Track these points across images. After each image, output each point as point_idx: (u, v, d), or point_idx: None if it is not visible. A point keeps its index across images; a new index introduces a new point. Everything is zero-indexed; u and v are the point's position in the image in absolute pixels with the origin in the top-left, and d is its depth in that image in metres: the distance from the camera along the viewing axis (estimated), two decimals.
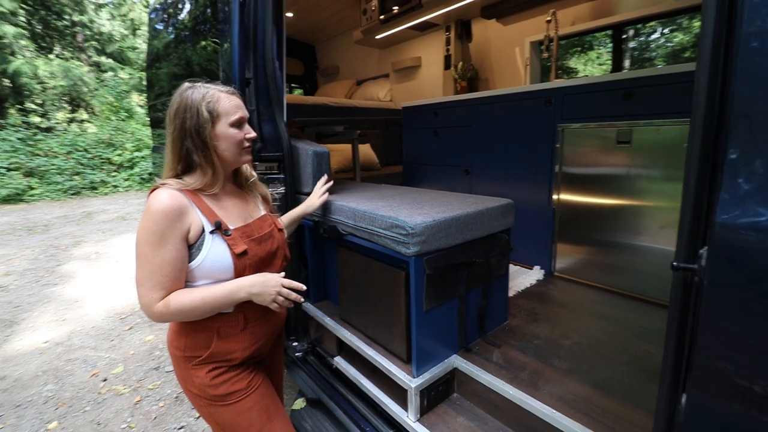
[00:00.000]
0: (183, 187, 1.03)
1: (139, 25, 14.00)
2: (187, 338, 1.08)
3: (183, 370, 1.11)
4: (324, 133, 2.51)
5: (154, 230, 0.96)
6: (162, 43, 3.06)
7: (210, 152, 1.06)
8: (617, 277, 1.99)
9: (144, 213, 0.99)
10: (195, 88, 1.07)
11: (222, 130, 1.07)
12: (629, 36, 12.66)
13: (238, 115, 1.10)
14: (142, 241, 0.97)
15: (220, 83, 1.13)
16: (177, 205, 0.98)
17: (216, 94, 1.08)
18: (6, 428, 2.05)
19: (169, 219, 0.97)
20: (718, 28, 0.55)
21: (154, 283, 0.97)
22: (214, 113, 1.05)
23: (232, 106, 1.09)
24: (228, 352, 1.09)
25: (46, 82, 11.85)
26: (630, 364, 1.37)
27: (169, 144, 1.08)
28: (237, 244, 1.06)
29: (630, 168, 1.89)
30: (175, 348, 1.10)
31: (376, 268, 1.43)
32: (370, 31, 3.79)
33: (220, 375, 1.09)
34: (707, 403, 0.55)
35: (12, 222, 6.73)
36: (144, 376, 2.49)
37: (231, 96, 1.11)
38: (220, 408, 1.10)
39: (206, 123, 1.04)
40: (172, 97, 1.09)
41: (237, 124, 1.10)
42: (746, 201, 0.49)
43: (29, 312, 3.42)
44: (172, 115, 1.06)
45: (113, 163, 10.37)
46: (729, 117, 0.52)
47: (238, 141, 1.10)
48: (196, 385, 1.09)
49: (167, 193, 0.99)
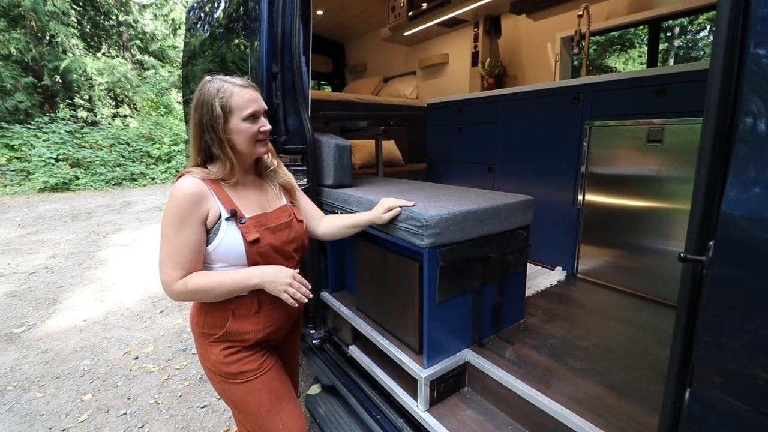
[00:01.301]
0: (206, 176, 1.09)
1: (179, 24, 14.58)
2: (205, 316, 1.14)
3: (201, 346, 1.17)
4: (348, 128, 2.55)
5: (175, 214, 1.02)
6: (198, 40, 3.19)
7: (225, 146, 1.09)
8: (643, 282, 1.92)
9: (169, 198, 1.05)
10: (212, 82, 1.10)
11: (235, 125, 1.09)
12: (674, 34, 12.03)
13: (250, 110, 1.10)
14: (165, 224, 1.03)
15: (238, 75, 1.14)
16: (197, 191, 1.04)
17: (229, 89, 1.09)
18: (46, 397, 2.22)
19: (189, 204, 1.02)
20: (732, 28, 0.54)
21: (174, 263, 1.03)
22: (226, 108, 1.07)
23: (245, 101, 1.09)
24: (241, 333, 1.14)
25: (93, 79, 12.56)
26: (650, 368, 1.33)
27: (191, 136, 1.13)
28: (250, 232, 1.10)
29: (661, 168, 1.82)
30: (195, 324, 1.17)
31: (392, 260, 1.45)
32: (398, 28, 3.80)
33: (233, 354, 1.14)
34: (709, 397, 0.54)
35: (59, 209, 7.19)
36: (172, 357, 2.61)
37: (245, 89, 1.10)
38: (231, 385, 1.15)
39: (219, 119, 1.07)
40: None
41: (250, 117, 1.11)
42: (751, 194, 0.48)
43: (71, 292, 3.65)
44: (193, 108, 1.10)
45: (152, 156, 10.88)
46: (737, 113, 0.51)
47: (252, 135, 1.11)
48: (211, 361, 1.15)
49: (190, 180, 1.05)
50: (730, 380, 0.52)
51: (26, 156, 9.15)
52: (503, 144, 2.56)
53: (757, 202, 0.48)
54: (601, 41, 11.89)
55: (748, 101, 0.50)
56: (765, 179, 0.48)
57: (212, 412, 2.10)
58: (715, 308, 0.52)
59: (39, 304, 3.40)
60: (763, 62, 0.50)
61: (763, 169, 0.48)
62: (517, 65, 3.57)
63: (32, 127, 9.89)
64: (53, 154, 9.25)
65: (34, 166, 8.99)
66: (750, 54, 0.50)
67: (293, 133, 1.81)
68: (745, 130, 0.50)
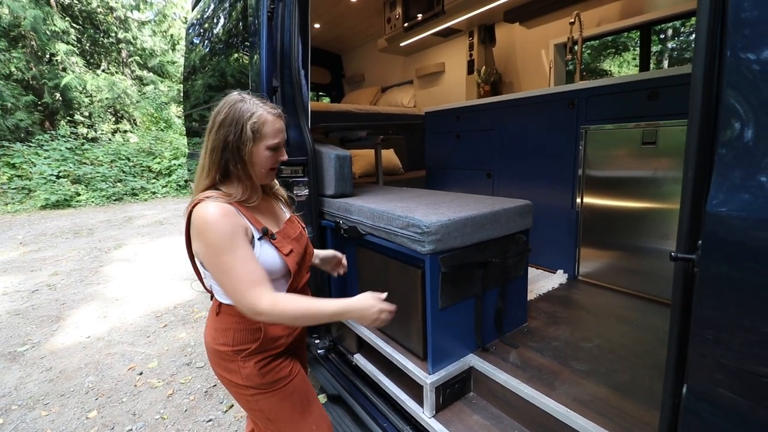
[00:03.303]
0: (228, 201, 1.05)
1: (177, 40, 14.76)
2: (235, 333, 1.11)
3: (229, 364, 1.12)
4: (347, 138, 2.59)
5: (222, 238, 0.98)
6: (198, 56, 3.25)
7: (247, 168, 1.08)
8: (643, 282, 1.94)
9: (200, 230, 1.00)
10: (244, 102, 1.07)
11: (258, 152, 1.08)
12: (667, 36, 12.17)
13: (277, 140, 1.10)
14: (216, 253, 0.98)
15: (269, 103, 1.13)
16: (230, 209, 1.02)
17: (264, 116, 1.07)
18: (51, 415, 2.21)
19: (230, 221, 1.00)
20: (711, 29, 0.57)
21: (249, 282, 0.99)
22: (257, 134, 1.06)
23: (275, 131, 1.09)
24: (275, 339, 1.14)
25: (93, 96, 12.68)
26: (653, 368, 1.34)
27: (209, 151, 1.08)
28: (283, 245, 1.13)
29: (656, 169, 1.85)
30: (221, 344, 1.12)
31: (394, 267, 1.47)
32: (395, 38, 3.86)
33: (267, 364, 1.13)
34: (705, 391, 0.56)
35: (60, 226, 7.21)
36: (177, 371, 2.61)
37: (277, 120, 1.10)
38: (266, 395, 1.14)
39: (248, 142, 1.05)
40: (219, 104, 1.09)
41: (274, 148, 1.10)
42: (734, 194, 0.50)
43: (74, 309, 3.66)
44: (218, 123, 1.06)
45: (152, 171, 10.93)
46: (720, 115, 0.53)
47: (270, 164, 1.11)
48: (244, 376, 1.11)
49: (215, 204, 1.01)
50: (723, 375, 0.53)
51: (27, 174, 9.19)
52: (501, 150, 2.59)
53: (740, 202, 0.50)
54: (595, 45, 12.02)
55: (729, 104, 0.53)
56: (747, 179, 0.50)
57: (218, 426, 2.10)
58: (706, 305, 0.54)
59: (42, 321, 3.40)
60: (741, 66, 0.52)
61: (745, 170, 0.50)
62: (512, 72, 3.62)
63: (33, 145, 9.96)
64: (54, 172, 9.30)
65: (35, 183, 9.03)
66: (728, 59, 0.52)
67: (294, 145, 1.84)
68: (726, 132, 0.53)
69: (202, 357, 2.77)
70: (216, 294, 1.14)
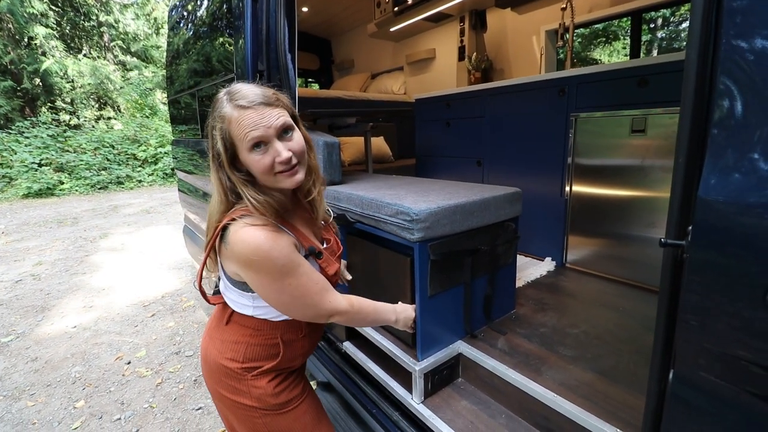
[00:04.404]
0: (264, 221, 0.88)
1: (162, 24, 14.35)
2: (247, 347, 0.99)
3: (237, 383, 0.99)
4: (336, 125, 2.55)
5: (282, 264, 0.86)
6: (181, 39, 3.15)
7: (248, 187, 0.89)
8: (630, 269, 1.96)
9: (249, 261, 0.86)
10: (217, 102, 0.89)
11: (244, 159, 0.88)
12: (657, 25, 12.19)
13: (250, 138, 0.85)
14: (279, 279, 0.87)
15: (256, 84, 0.92)
16: (275, 235, 0.88)
17: (228, 115, 0.85)
18: (37, 405, 2.19)
19: (283, 246, 0.87)
20: (706, 16, 0.55)
21: (319, 294, 0.94)
22: (228, 142, 0.87)
23: (245, 126, 0.84)
24: (292, 359, 1.06)
25: (74, 81, 12.32)
26: (637, 353, 1.36)
27: (212, 171, 0.93)
28: (329, 264, 1.04)
29: (644, 157, 1.85)
30: (230, 360, 0.98)
31: (383, 255, 1.46)
32: (384, 23, 3.79)
33: (281, 383, 1.03)
34: (691, 377, 0.56)
35: (44, 215, 7.06)
36: (165, 360, 2.60)
37: (245, 112, 0.84)
38: (278, 416, 1.04)
39: (220, 156, 0.88)
40: None
41: (256, 147, 0.86)
42: (726, 179, 0.50)
43: (59, 299, 3.60)
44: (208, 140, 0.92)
45: (138, 159, 10.72)
46: (713, 100, 0.52)
47: (264, 169, 0.87)
48: (255, 396, 1.00)
49: (256, 231, 0.86)
50: (710, 360, 0.54)
51: (8, 162, 8.95)
52: (491, 137, 2.58)
53: (732, 187, 0.50)
54: (585, 34, 12.01)
55: (723, 88, 0.52)
56: (739, 165, 0.50)
57: (208, 413, 2.10)
58: (695, 291, 0.54)
59: (27, 312, 3.34)
60: (736, 50, 0.51)
61: (737, 155, 0.50)
62: (503, 59, 3.59)
63: (13, 132, 9.68)
64: (36, 159, 9.07)
65: (17, 172, 8.80)
66: (723, 42, 0.51)
67: None
68: (719, 117, 0.52)
69: (191, 346, 2.76)
70: (231, 303, 1.01)
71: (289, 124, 0.91)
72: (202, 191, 2.71)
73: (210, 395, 1.12)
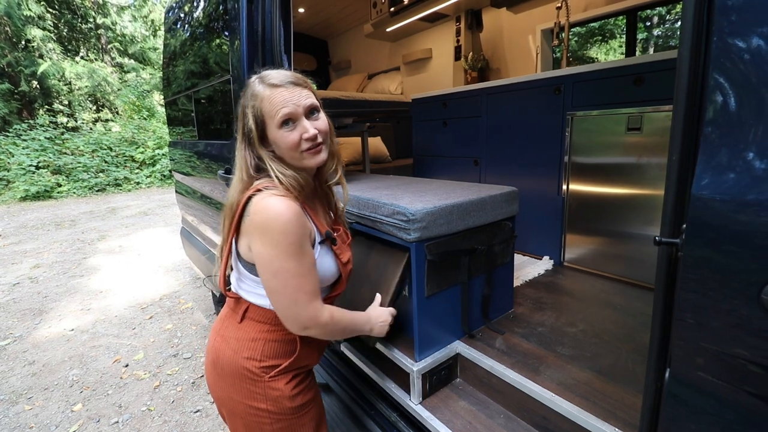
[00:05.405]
0: (286, 194, 0.90)
1: (159, 26, 14.33)
2: (265, 345, 0.96)
3: (253, 385, 0.96)
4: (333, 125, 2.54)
5: (292, 241, 0.86)
6: (178, 41, 3.14)
7: (277, 162, 0.93)
8: (628, 267, 1.96)
9: (264, 228, 0.86)
10: (250, 85, 0.94)
11: (273, 136, 0.92)
12: (653, 23, 12.21)
13: (281, 114, 0.89)
14: (283, 257, 0.86)
15: (276, 72, 0.95)
16: (298, 210, 0.89)
17: (260, 93, 0.91)
18: (35, 409, 2.18)
19: (301, 225, 0.88)
20: (698, 14, 0.55)
21: (309, 294, 0.90)
22: (259, 119, 0.91)
23: (276, 104, 0.89)
24: (308, 354, 1.03)
25: (72, 84, 12.30)
26: (635, 351, 1.36)
27: (238, 149, 0.96)
28: (343, 252, 1.02)
29: (641, 155, 1.85)
30: (248, 359, 0.95)
31: (379, 252, 1.45)
32: (381, 23, 3.79)
33: (299, 384, 1.01)
34: (688, 375, 0.56)
35: (41, 218, 7.04)
36: (163, 363, 2.59)
37: (276, 90, 0.90)
38: (293, 421, 1.00)
39: (251, 133, 0.92)
40: None
41: (285, 123, 0.91)
42: (719, 177, 0.49)
43: (57, 302, 3.59)
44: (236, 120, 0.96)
45: (136, 161, 10.70)
46: (705, 97, 0.52)
47: (292, 144, 0.91)
48: (272, 399, 0.96)
49: (281, 200, 0.87)
50: (706, 359, 0.53)
51: (5, 164, 8.92)
52: (488, 137, 2.58)
53: (725, 185, 0.49)
54: (582, 32, 12.03)
55: (715, 86, 0.51)
56: (732, 163, 0.50)
57: (206, 416, 2.09)
58: (690, 289, 0.54)
59: (24, 315, 3.33)
60: (728, 47, 0.51)
61: (730, 153, 0.50)
62: (499, 58, 3.59)
63: (10, 135, 9.66)
64: (33, 162, 9.05)
65: (14, 174, 8.77)
66: (715, 40, 0.51)
67: None
68: (712, 115, 0.52)
69: (189, 348, 2.75)
70: (246, 294, 0.99)
71: (316, 105, 0.96)
72: (200, 193, 2.70)
73: (213, 400, 1.07)
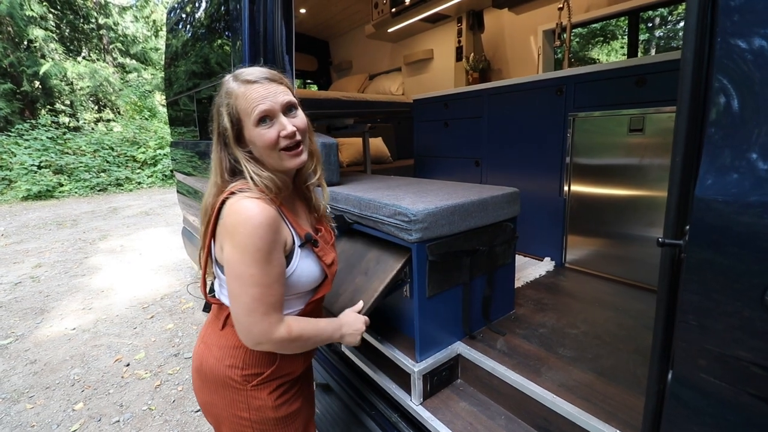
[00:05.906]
0: (261, 196, 0.87)
1: (161, 26, 14.36)
2: (247, 352, 0.93)
3: (236, 394, 0.93)
4: (334, 125, 2.55)
5: (260, 247, 0.82)
6: (179, 41, 3.15)
7: (252, 163, 0.89)
8: (629, 269, 1.96)
9: (234, 230, 0.83)
10: (224, 84, 0.90)
11: (250, 135, 0.88)
12: (655, 24, 12.19)
13: (257, 112, 0.85)
14: (247, 262, 0.82)
15: (259, 66, 0.93)
16: (273, 215, 0.85)
17: (235, 90, 0.87)
18: (36, 408, 2.18)
19: (273, 231, 0.84)
20: (701, 15, 0.55)
21: (267, 306, 0.84)
22: (234, 118, 0.88)
23: (252, 100, 0.86)
24: (290, 365, 0.99)
25: (74, 84, 12.33)
26: (637, 353, 1.35)
27: (212, 152, 0.93)
28: (326, 253, 0.98)
29: (643, 157, 1.85)
30: (230, 367, 0.92)
31: (377, 251, 1.45)
32: (382, 24, 3.79)
33: (283, 394, 0.97)
34: (690, 377, 0.56)
35: (43, 217, 7.05)
36: (164, 362, 2.59)
37: (252, 86, 0.87)
38: (276, 431, 0.97)
39: (226, 132, 0.88)
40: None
41: (262, 121, 0.87)
42: (723, 178, 0.49)
43: (58, 301, 3.59)
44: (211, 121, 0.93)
45: (137, 161, 10.72)
46: (709, 99, 0.52)
47: (270, 143, 0.87)
48: (255, 408, 0.93)
49: (255, 203, 0.83)
50: (709, 360, 0.53)
51: (7, 164, 8.94)
52: (489, 138, 2.58)
53: (729, 187, 0.49)
54: (583, 33, 12.02)
55: (719, 87, 0.51)
56: (736, 164, 0.50)
57: None
58: (693, 291, 0.54)
59: (26, 314, 3.34)
60: (732, 48, 0.51)
61: (733, 155, 0.50)
62: (501, 59, 3.59)
63: (12, 134, 9.68)
64: (35, 162, 9.06)
65: (16, 174, 8.79)
66: (718, 41, 0.51)
67: None
68: (715, 116, 0.51)
69: (190, 348, 2.75)
70: (226, 300, 0.95)
71: (294, 102, 0.93)
72: (201, 193, 2.70)
73: (200, 406, 1.04)
